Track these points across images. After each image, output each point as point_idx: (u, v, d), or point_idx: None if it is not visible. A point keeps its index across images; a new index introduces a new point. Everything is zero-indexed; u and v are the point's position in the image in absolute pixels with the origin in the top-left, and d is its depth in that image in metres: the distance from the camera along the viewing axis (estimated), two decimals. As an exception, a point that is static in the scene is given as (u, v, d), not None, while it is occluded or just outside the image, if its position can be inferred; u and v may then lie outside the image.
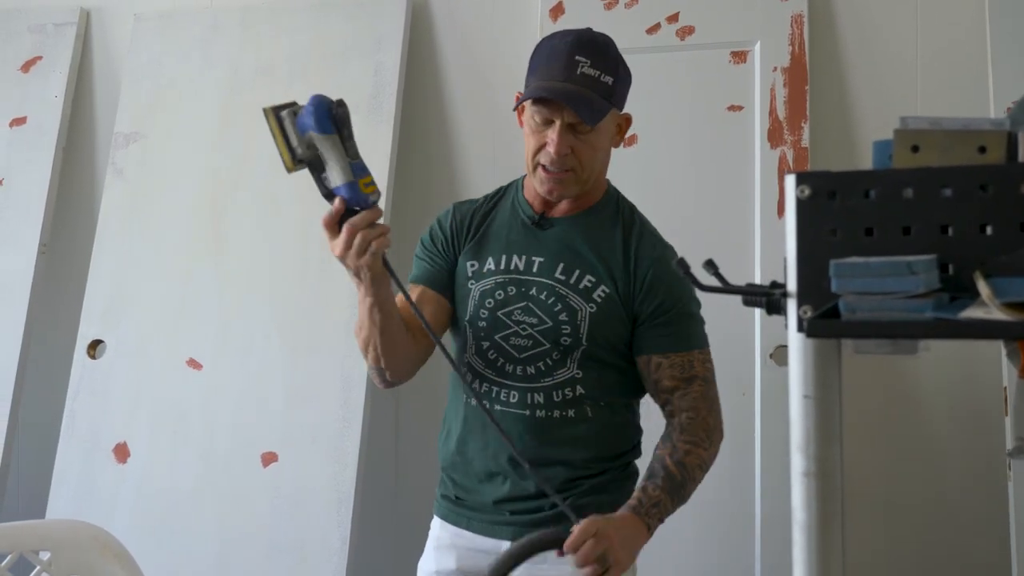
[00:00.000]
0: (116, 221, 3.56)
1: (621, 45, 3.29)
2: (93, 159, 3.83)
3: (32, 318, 3.54)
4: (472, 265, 2.12)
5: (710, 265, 1.27)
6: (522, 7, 3.44)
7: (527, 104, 2.02)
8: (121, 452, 3.33)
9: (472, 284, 2.11)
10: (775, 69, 3.13)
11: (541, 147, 2.01)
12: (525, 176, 2.18)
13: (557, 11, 3.30)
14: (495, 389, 2.09)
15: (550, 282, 2.06)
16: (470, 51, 3.50)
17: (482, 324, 2.09)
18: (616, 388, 2.13)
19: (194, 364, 3.34)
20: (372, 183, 1.80)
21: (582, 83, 1.95)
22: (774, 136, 3.10)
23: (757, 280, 2.97)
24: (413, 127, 3.49)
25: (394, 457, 3.51)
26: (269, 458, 3.19)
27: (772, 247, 3.05)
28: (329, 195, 1.82)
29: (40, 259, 3.57)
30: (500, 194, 2.22)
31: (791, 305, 1.03)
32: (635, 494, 1.96)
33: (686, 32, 3.21)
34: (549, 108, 1.97)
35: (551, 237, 2.10)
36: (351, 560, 3.05)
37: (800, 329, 1.00)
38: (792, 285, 1.02)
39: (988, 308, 0.91)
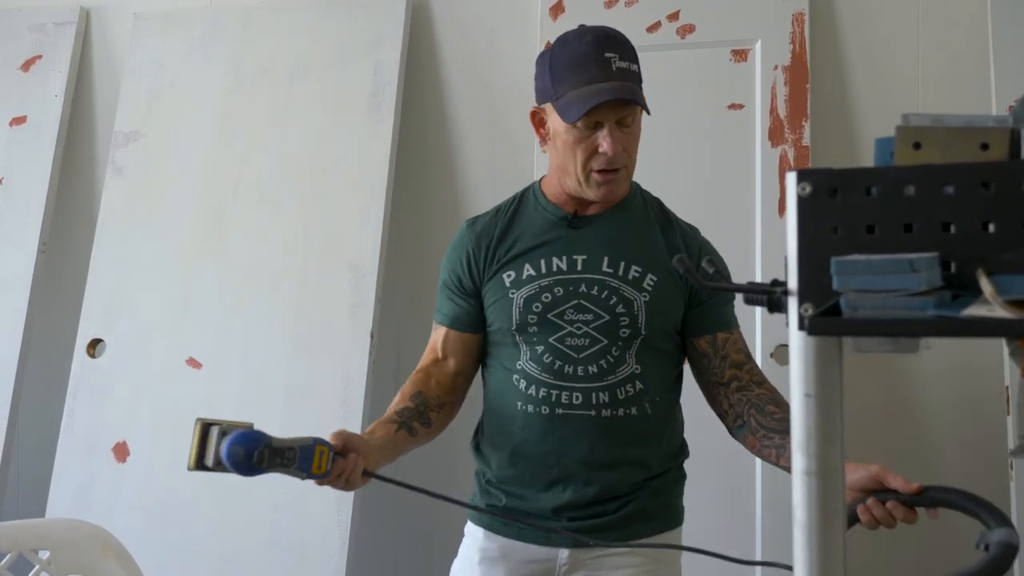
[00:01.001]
0: (116, 220, 3.55)
1: (622, 43, 3.28)
2: (93, 158, 3.83)
3: (32, 317, 3.54)
4: (509, 276, 2.07)
5: (711, 263, 1.26)
6: (522, 6, 3.43)
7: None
8: (121, 451, 3.33)
9: (513, 293, 2.05)
10: (776, 67, 3.13)
11: (592, 153, 1.97)
12: (539, 182, 2.16)
13: (557, 10, 3.29)
14: (555, 393, 2.03)
15: (600, 277, 2.04)
16: (470, 50, 3.50)
17: (532, 329, 2.04)
18: (669, 382, 2.12)
19: (194, 363, 3.33)
20: (321, 455, 1.77)
21: (622, 77, 1.93)
22: (775, 135, 3.09)
23: (758, 279, 2.96)
24: (413, 126, 3.49)
25: (394, 456, 3.50)
26: (269, 457, 3.18)
27: (773, 246, 3.04)
28: None
29: (40, 258, 3.57)
30: (516, 203, 2.16)
31: (792, 303, 1.02)
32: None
33: (687, 30, 3.21)
34: (597, 111, 1.93)
35: (588, 235, 2.07)
36: (351, 559, 3.05)
37: (801, 327, 1.00)
38: (793, 283, 1.02)
39: (991, 306, 0.90)
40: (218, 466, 1.69)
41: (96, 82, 3.84)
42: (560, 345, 2.03)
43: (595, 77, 1.92)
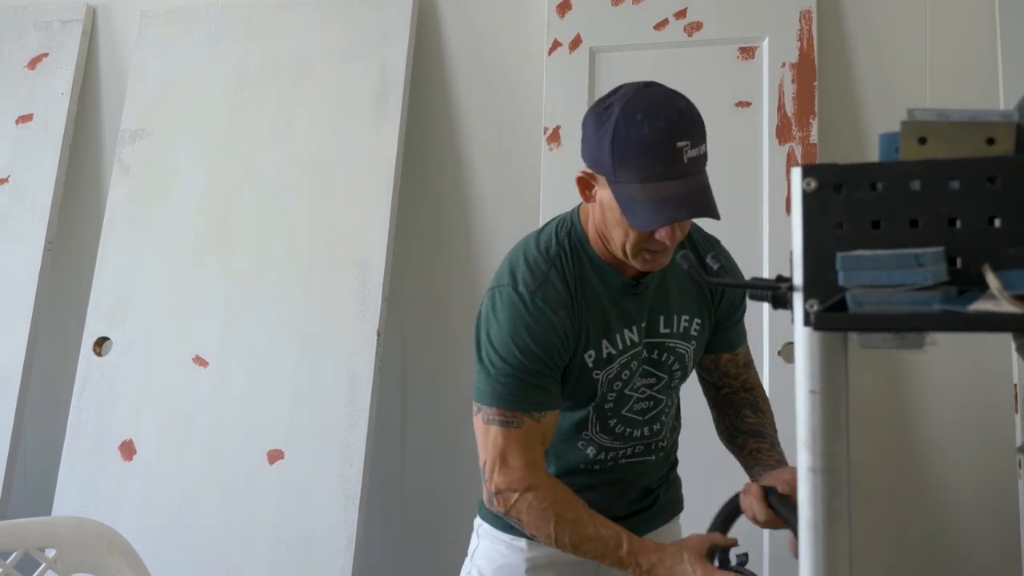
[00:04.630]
0: (122, 218, 3.55)
1: (628, 41, 3.28)
2: (99, 156, 3.83)
3: (38, 315, 3.54)
4: (590, 355, 1.95)
5: (715, 259, 1.26)
6: (529, 3, 3.42)
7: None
8: (127, 449, 3.33)
9: (597, 374, 1.96)
10: (783, 65, 3.12)
11: (647, 238, 1.82)
12: (583, 230, 1.97)
13: (564, 7, 3.28)
14: (620, 450, 2.08)
15: (659, 340, 2.01)
16: (477, 47, 3.49)
17: (609, 406, 2.01)
18: (678, 395, 2.22)
19: (200, 361, 3.33)
20: None
21: (692, 171, 1.77)
22: (782, 132, 3.08)
23: (765, 277, 2.96)
24: (419, 124, 3.48)
25: (400, 455, 3.50)
26: (275, 456, 3.19)
27: (780, 244, 3.04)
28: None
29: (46, 256, 3.57)
30: (570, 261, 1.95)
31: (797, 299, 1.01)
32: (777, 457, 2.04)
33: (694, 28, 3.20)
34: None
35: (645, 295, 1.99)
36: (357, 558, 3.04)
37: (807, 323, 0.99)
38: (798, 279, 1.01)
39: (998, 301, 0.90)
40: None
41: (102, 80, 3.84)
42: (630, 414, 2.05)
43: (664, 173, 1.74)
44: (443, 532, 3.40)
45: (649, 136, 1.73)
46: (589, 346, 1.94)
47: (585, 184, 1.88)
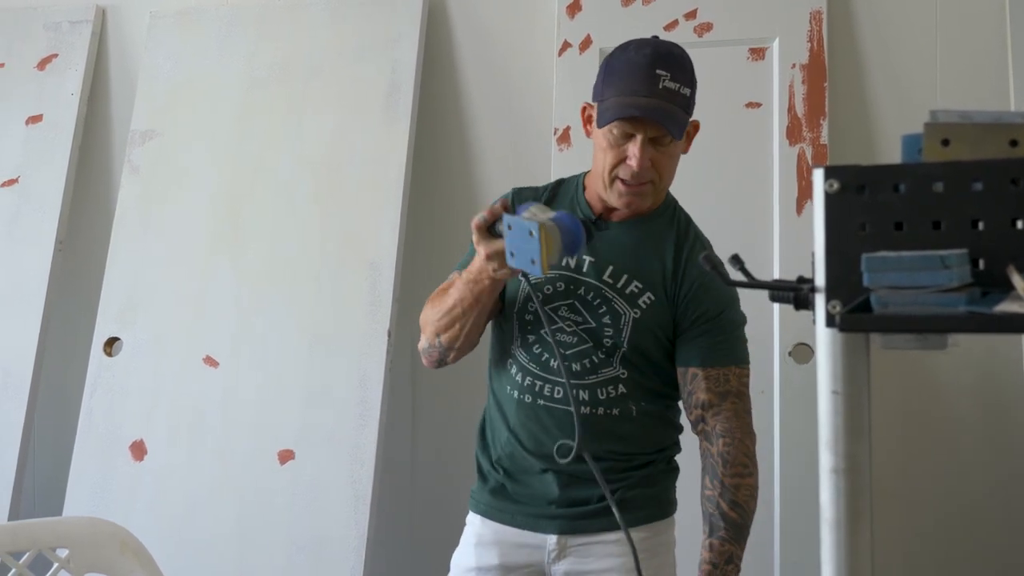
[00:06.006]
0: (132, 218, 3.56)
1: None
2: (109, 156, 3.83)
3: (49, 316, 3.54)
4: None
5: (735, 260, 1.26)
6: (539, 4, 3.42)
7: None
8: (138, 450, 3.33)
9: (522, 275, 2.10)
10: (794, 66, 3.12)
11: (620, 161, 2.00)
12: (586, 175, 2.19)
13: (574, 8, 3.28)
14: (538, 384, 2.11)
15: (597, 284, 2.08)
16: (487, 48, 3.49)
17: (529, 318, 2.11)
18: (658, 390, 2.14)
19: (211, 362, 3.34)
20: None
21: (665, 97, 1.94)
22: (793, 133, 3.08)
23: (776, 278, 2.95)
24: (429, 125, 3.48)
25: (411, 455, 3.50)
26: (286, 456, 3.19)
27: (791, 245, 3.03)
28: None
29: (56, 256, 3.57)
30: (560, 188, 2.21)
31: (819, 300, 1.01)
32: (705, 554, 2.00)
33: (704, 29, 3.20)
34: (632, 123, 1.96)
35: (604, 239, 2.09)
36: (368, 558, 3.05)
37: (830, 324, 0.99)
38: (820, 280, 1.01)
39: (1023, 302, 0.90)
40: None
41: (112, 80, 3.84)
42: (550, 339, 2.05)
43: (638, 90, 1.94)
44: (454, 532, 3.39)
45: (633, 59, 1.98)
46: None
47: (586, 117, 2.11)
